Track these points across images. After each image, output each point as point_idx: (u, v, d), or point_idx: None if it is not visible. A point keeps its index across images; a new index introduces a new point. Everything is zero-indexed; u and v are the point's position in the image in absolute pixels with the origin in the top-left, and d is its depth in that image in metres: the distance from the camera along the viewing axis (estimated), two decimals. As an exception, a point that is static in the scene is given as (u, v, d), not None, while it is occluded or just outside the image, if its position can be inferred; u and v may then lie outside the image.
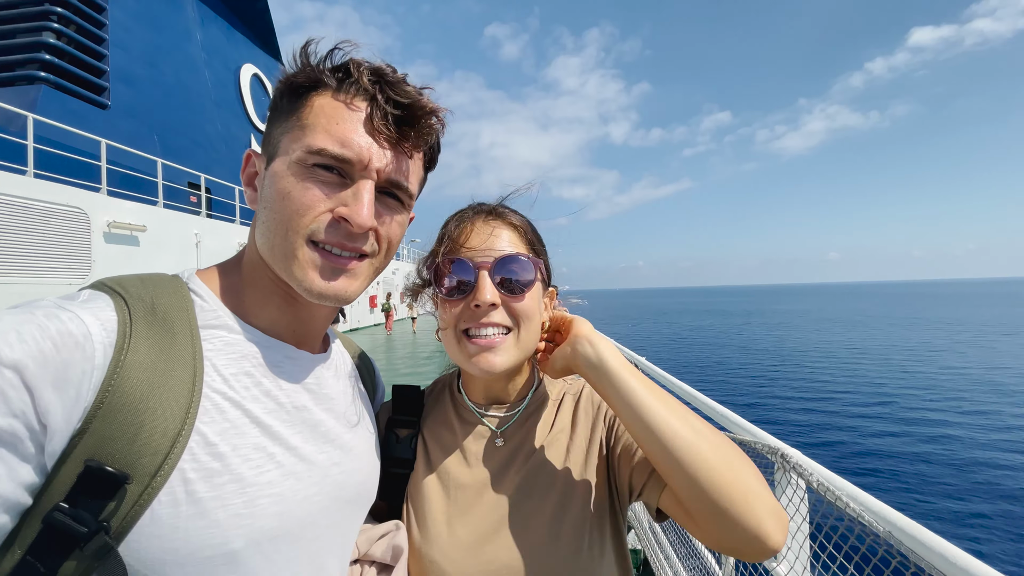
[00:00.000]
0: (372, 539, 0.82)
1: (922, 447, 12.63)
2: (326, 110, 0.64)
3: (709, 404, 2.34)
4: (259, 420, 0.63)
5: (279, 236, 0.65)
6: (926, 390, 19.11)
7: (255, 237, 0.70)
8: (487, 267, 0.83)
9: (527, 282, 0.85)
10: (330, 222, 0.65)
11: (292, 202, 0.63)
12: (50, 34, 12.68)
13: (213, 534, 0.55)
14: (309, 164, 0.63)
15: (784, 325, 53.68)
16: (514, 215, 0.92)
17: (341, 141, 0.63)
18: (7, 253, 7.90)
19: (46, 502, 0.49)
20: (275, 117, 0.69)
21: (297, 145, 0.64)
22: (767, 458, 1.70)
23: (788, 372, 24.23)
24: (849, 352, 30.54)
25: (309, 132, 0.63)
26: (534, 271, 0.86)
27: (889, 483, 10.57)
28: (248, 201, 0.72)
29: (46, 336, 0.48)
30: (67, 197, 8.97)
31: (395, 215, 0.72)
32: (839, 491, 1.36)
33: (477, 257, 0.84)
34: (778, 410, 16.82)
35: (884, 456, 12.11)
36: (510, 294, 0.84)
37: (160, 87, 15.77)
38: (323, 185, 0.64)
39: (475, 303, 0.81)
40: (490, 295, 0.81)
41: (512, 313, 0.84)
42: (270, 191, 0.65)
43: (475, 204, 0.93)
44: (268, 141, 0.69)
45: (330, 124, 0.63)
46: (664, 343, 40.64)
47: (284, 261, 0.66)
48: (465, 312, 0.83)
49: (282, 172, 0.64)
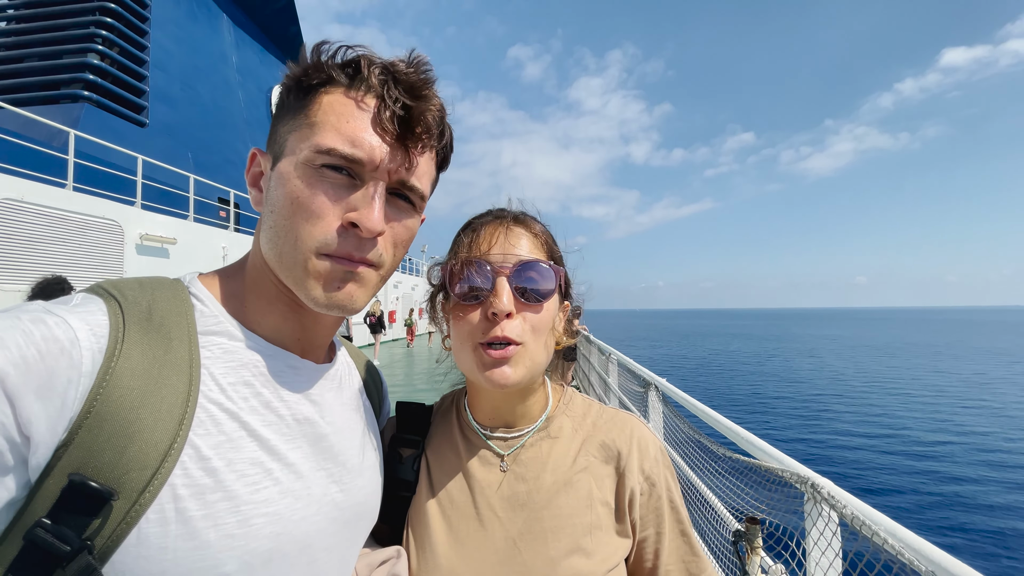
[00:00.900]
0: (372, 565, 0.78)
1: (991, 494, 10.55)
2: (336, 107, 0.61)
3: (733, 429, 2.25)
4: (257, 433, 0.59)
5: (288, 245, 0.62)
6: (996, 430, 16.15)
7: (259, 241, 0.67)
8: (505, 272, 0.78)
9: (547, 291, 0.80)
10: (340, 230, 0.62)
11: (301, 209, 0.60)
12: (94, 55, 13.40)
13: (203, 556, 0.51)
14: (317, 165, 0.60)
15: (818, 351, 49.29)
16: (535, 222, 0.87)
17: (351, 140, 0.60)
18: (45, 261, 8.21)
19: (28, 517, 0.46)
20: (281, 114, 0.66)
21: (305, 144, 0.61)
22: (796, 488, 1.61)
23: (831, 403, 21.20)
24: (900, 382, 27.33)
25: (318, 131, 0.61)
26: (555, 280, 0.81)
27: (939, 524, 9.31)
28: (253, 203, 0.69)
29: (30, 342, 0.46)
30: (103, 210, 9.32)
31: (405, 218, 0.69)
32: (876, 525, 1.27)
33: (495, 261, 0.79)
34: (831, 447, 14.47)
35: (954, 506, 10.11)
36: (528, 303, 0.79)
37: (196, 107, 16.45)
38: (332, 187, 0.61)
39: (491, 311, 0.76)
40: (507, 303, 0.76)
41: (528, 324, 0.79)
42: (277, 194, 0.62)
43: (494, 209, 0.89)
44: (274, 139, 0.66)
45: (340, 122, 0.61)
46: (693, 368, 36.87)
47: (292, 271, 0.63)
48: (481, 321, 0.78)
49: (289, 174, 0.61)
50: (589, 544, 0.78)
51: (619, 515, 0.82)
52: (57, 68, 13.18)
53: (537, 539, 0.78)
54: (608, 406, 0.94)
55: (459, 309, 0.81)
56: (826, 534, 1.49)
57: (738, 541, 1.67)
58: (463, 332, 0.80)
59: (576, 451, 0.86)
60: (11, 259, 7.71)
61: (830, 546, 1.48)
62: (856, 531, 1.32)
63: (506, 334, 0.76)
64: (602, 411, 0.92)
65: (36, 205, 8.09)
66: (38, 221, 8.12)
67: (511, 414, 0.88)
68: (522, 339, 0.78)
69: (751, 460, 1.93)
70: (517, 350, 0.77)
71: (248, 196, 0.70)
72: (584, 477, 0.83)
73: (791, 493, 1.65)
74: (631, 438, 0.86)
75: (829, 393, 23.75)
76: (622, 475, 0.83)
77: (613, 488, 0.83)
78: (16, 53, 13.63)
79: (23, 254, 7.89)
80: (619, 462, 0.84)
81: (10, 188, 7.74)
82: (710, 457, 2.64)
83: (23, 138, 9.14)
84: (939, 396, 22.51)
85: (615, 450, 0.85)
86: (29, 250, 7.98)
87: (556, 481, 0.83)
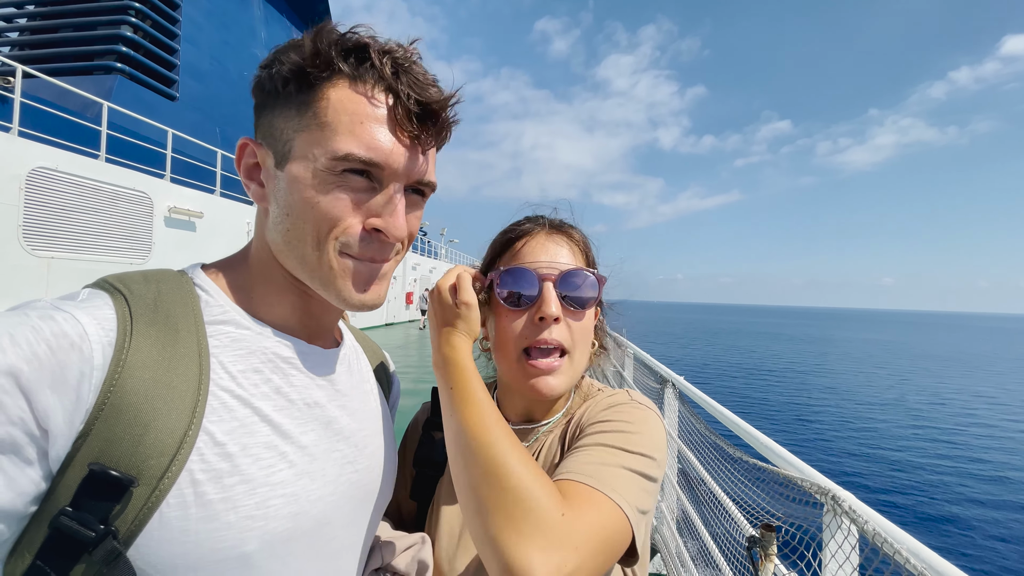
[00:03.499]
0: (398, 550, 0.80)
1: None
2: (347, 106, 0.60)
3: (751, 433, 2.21)
4: (269, 418, 0.61)
5: (310, 247, 0.62)
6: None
7: (267, 237, 0.66)
8: (552, 279, 0.80)
9: (589, 299, 0.82)
10: (363, 234, 0.62)
11: (320, 213, 0.60)
12: (127, 28, 13.59)
13: (224, 537, 0.53)
14: (337, 172, 0.60)
15: (873, 359, 41.47)
16: (575, 231, 0.90)
17: (368, 145, 0.59)
18: (77, 231, 8.45)
19: (52, 506, 0.48)
20: (278, 104, 0.63)
21: (320, 151, 0.59)
22: (815, 498, 1.58)
23: (906, 426, 16.86)
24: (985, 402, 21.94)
25: (331, 134, 0.59)
26: (597, 288, 0.83)
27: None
28: (253, 197, 0.68)
29: (40, 338, 0.47)
30: (134, 182, 9.54)
31: (418, 210, 0.69)
32: (898, 544, 1.24)
33: (542, 269, 0.81)
34: (897, 469, 11.88)
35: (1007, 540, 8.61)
36: (572, 310, 0.81)
37: (225, 82, 16.60)
38: (351, 192, 0.61)
39: (539, 315, 0.79)
40: (555, 308, 0.78)
41: (572, 331, 0.81)
42: (292, 198, 0.61)
43: (533, 216, 0.91)
44: (272, 133, 0.63)
45: (354, 124, 0.59)
46: (731, 373, 29.70)
47: (316, 272, 0.63)
48: (527, 327, 0.80)
49: (305, 180, 0.60)
50: None
51: None
52: (91, 39, 13.41)
53: None
54: (621, 390, 0.93)
55: (504, 314, 0.83)
56: (844, 548, 1.47)
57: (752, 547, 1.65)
58: (508, 337, 0.82)
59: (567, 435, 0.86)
60: (44, 227, 7.94)
61: (848, 560, 1.46)
62: (877, 547, 1.29)
63: (555, 337, 0.79)
64: (613, 393, 0.90)
65: (69, 175, 8.31)
66: (70, 191, 8.35)
67: (537, 408, 0.90)
68: (569, 346, 0.80)
69: (769, 467, 1.91)
70: (563, 361, 0.80)
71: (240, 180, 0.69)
72: None
73: (809, 502, 1.62)
74: (598, 405, 0.83)
75: (921, 416, 18.74)
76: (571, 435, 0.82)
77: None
78: (52, 23, 13.90)
79: (56, 223, 8.12)
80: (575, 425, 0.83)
81: (45, 157, 7.95)
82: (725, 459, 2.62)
83: (58, 107, 9.34)
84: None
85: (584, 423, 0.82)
86: (61, 219, 8.21)
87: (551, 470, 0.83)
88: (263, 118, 0.65)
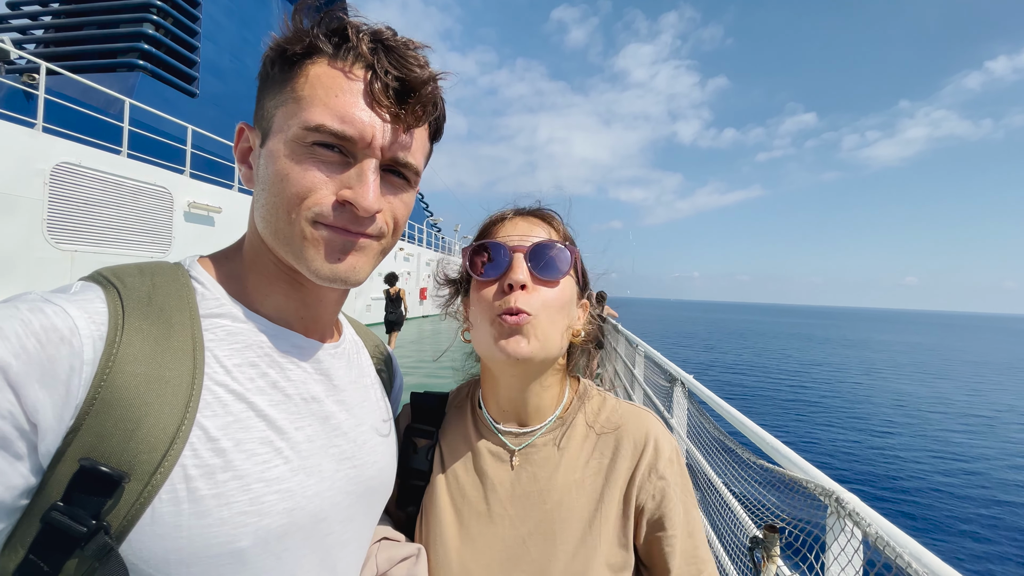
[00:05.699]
0: (393, 560, 0.78)
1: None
2: (323, 80, 0.59)
3: (758, 433, 2.18)
4: (265, 413, 0.60)
5: (282, 220, 0.61)
6: None
7: (255, 220, 0.66)
8: (522, 251, 0.81)
9: (561, 270, 0.82)
10: (335, 205, 0.60)
11: (291, 184, 0.59)
12: (150, 26, 13.88)
13: (217, 533, 0.53)
14: (307, 142, 0.59)
15: (926, 365, 36.40)
16: (552, 215, 0.91)
17: (341, 116, 0.58)
18: (100, 225, 8.65)
19: (44, 501, 0.47)
20: (266, 87, 0.64)
21: (293, 121, 0.59)
22: (819, 500, 1.55)
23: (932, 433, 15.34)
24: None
25: (305, 106, 0.59)
26: (569, 259, 0.83)
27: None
28: (243, 180, 0.68)
29: (29, 332, 0.46)
30: (155, 177, 9.72)
31: (400, 194, 0.67)
32: (901, 547, 1.21)
33: (512, 241, 0.83)
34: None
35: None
36: (543, 279, 0.81)
37: (244, 79, 16.85)
38: (324, 165, 0.60)
39: (507, 283, 0.79)
40: (523, 275, 0.79)
41: (541, 299, 0.80)
42: (267, 172, 0.61)
43: (514, 207, 0.92)
44: (261, 114, 0.64)
45: (328, 97, 0.58)
46: (773, 383, 25.15)
47: (289, 244, 0.62)
48: (497, 295, 0.80)
49: (278, 151, 0.60)
50: (599, 545, 0.78)
51: (629, 516, 0.81)
52: (114, 37, 13.71)
53: (547, 538, 0.79)
54: (624, 401, 0.92)
55: (478, 286, 0.84)
56: (847, 550, 1.44)
57: (755, 548, 1.63)
58: (482, 307, 0.82)
59: (589, 450, 0.85)
60: (67, 221, 8.14)
61: (850, 563, 1.43)
62: (879, 551, 1.27)
63: (519, 305, 0.78)
64: (617, 406, 0.90)
65: (92, 170, 8.50)
66: (93, 185, 8.54)
67: (524, 407, 0.87)
68: (535, 312, 0.79)
69: (774, 467, 1.88)
70: (529, 319, 0.78)
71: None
72: (596, 477, 0.83)
73: (813, 504, 1.59)
74: (647, 438, 0.85)
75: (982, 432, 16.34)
76: (635, 476, 0.82)
77: (624, 488, 0.82)
78: (75, 21, 14.23)
79: (79, 217, 8.32)
80: (632, 462, 0.83)
81: (68, 152, 8.14)
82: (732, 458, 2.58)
83: (81, 104, 9.56)
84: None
85: (629, 450, 0.84)
86: (84, 213, 8.41)
87: (567, 481, 0.83)
88: (258, 103, 0.66)
